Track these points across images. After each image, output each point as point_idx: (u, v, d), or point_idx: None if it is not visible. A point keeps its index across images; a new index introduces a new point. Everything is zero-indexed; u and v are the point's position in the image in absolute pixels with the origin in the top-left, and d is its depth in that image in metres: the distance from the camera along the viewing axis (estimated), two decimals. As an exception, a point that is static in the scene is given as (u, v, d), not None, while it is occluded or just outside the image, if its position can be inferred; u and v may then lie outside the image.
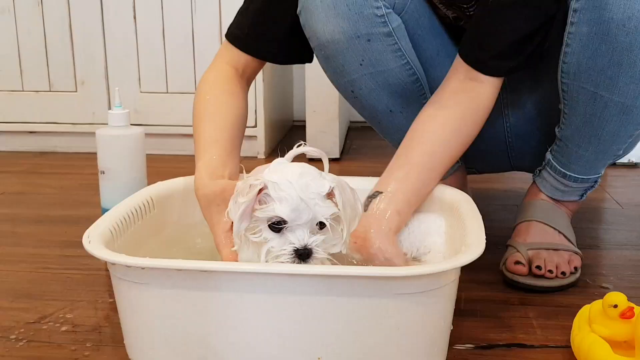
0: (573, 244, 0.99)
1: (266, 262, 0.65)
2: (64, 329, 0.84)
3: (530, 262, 0.94)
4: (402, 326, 0.64)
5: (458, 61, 0.91)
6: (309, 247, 0.64)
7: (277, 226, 0.65)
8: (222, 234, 0.73)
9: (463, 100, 0.89)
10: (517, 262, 0.94)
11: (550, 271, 0.93)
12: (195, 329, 0.66)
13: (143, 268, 0.64)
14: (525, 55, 0.89)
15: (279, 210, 0.63)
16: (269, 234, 0.65)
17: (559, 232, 0.98)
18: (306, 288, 0.63)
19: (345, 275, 0.62)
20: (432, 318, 0.66)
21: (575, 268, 0.95)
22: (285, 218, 0.64)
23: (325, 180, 0.65)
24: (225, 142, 0.84)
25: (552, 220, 0.99)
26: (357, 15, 0.89)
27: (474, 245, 0.66)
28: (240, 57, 0.95)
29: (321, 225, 0.65)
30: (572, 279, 0.94)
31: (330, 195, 0.65)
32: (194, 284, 0.64)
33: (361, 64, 0.92)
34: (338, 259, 0.69)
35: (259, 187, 0.65)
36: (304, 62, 1.01)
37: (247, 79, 0.97)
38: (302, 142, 0.70)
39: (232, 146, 0.85)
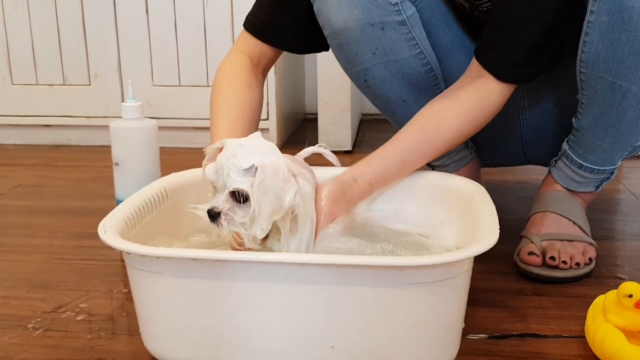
0: (588, 235, 0.98)
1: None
2: (79, 318, 0.85)
3: (544, 253, 0.94)
4: (414, 316, 0.64)
5: (475, 65, 0.89)
6: (217, 209, 0.67)
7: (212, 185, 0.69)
8: None
9: (471, 97, 0.89)
10: (531, 253, 0.94)
11: (565, 262, 0.92)
12: (209, 318, 0.66)
13: (158, 257, 0.65)
14: (551, 55, 0.88)
15: (208, 168, 0.68)
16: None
17: (574, 223, 0.98)
18: (319, 277, 0.63)
19: (357, 264, 0.62)
20: (445, 308, 0.66)
21: (590, 259, 0.95)
22: (209, 177, 0.68)
23: (255, 158, 0.67)
24: (242, 133, 0.84)
25: (567, 211, 0.98)
26: (371, 3, 0.88)
27: (488, 235, 0.66)
28: (256, 46, 0.96)
29: (245, 198, 0.67)
30: (587, 269, 0.94)
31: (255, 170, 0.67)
32: (208, 273, 0.65)
33: (374, 53, 0.92)
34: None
35: (218, 146, 0.69)
36: (320, 51, 1.01)
37: (262, 70, 0.98)
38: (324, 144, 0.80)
39: (247, 134, 0.85)
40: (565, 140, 0.99)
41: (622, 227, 1.17)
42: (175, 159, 1.54)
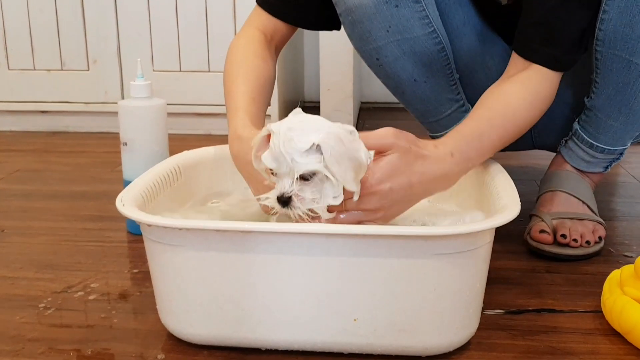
0: (596, 214, 0.99)
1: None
2: (91, 297, 0.84)
3: (554, 231, 0.94)
4: (438, 287, 0.64)
5: (518, 59, 0.88)
6: (287, 194, 0.65)
7: (272, 173, 0.66)
8: (258, 186, 0.73)
9: (526, 84, 0.86)
10: (542, 231, 0.94)
11: (575, 240, 0.93)
12: (230, 292, 0.66)
13: (180, 229, 0.64)
14: (587, 41, 0.88)
15: (265, 158, 0.65)
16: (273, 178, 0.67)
17: (583, 202, 0.98)
18: (343, 248, 0.63)
19: (382, 234, 0.62)
20: (468, 280, 0.66)
21: (600, 237, 0.95)
22: (269, 166, 0.65)
23: (311, 136, 0.65)
24: (260, 103, 0.84)
25: (576, 190, 0.99)
26: None
27: (510, 206, 0.66)
28: (269, 22, 0.95)
29: (310, 176, 0.65)
30: (597, 248, 0.94)
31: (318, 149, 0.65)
32: (230, 246, 0.64)
33: (388, 31, 0.92)
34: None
35: (265, 134, 0.66)
36: (332, 29, 1.00)
37: (275, 46, 0.97)
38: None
39: (265, 106, 0.85)
40: (577, 120, 0.99)
41: (628, 208, 1.18)
42: (176, 144, 1.51)
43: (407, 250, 0.62)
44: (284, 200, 0.65)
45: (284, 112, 1.84)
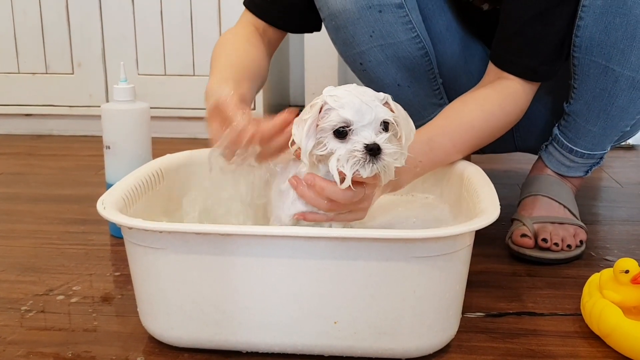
0: (577, 218, 1.00)
1: (339, 170, 0.65)
2: (73, 300, 0.83)
3: (536, 235, 0.95)
4: (418, 290, 0.64)
5: (493, 69, 0.89)
6: (376, 143, 0.64)
7: (342, 131, 0.65)
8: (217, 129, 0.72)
9: (492, 94, 0.88)
10: (524, 235, 0.95)
11: (556, 244, 0.93)
12: (210, 294, 0.66)
13: (161, 232, 0.64)
14: (567, 50, 0.89)
15: (343, 112, 0.64)
16: (335, 143, 0.65)
17: (564, 206, 0.99)
18: (323, 251, 0.63)
19: (362, 237, 0.62)
20: (448, 282, 0.66)
21: (581, 241, 0.96)
22: (351, 118, 0.64)
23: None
24: (243, 70, 0.82)
25: (557, 194, 1.00)
26: None
27: (489, 210, 0.67)
28: (258, 23, 0.96)
29: (384, 127, 0.65)
30: (578, 251, 0.95)
31: (385, 105, 0.67)
32: (211, 249, 0.64)
33: (371, 36, 0.92)
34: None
35: (320, 104, 0.66)
36: (313, 32, 1.01)
37: (268, 42, 0.98)
38: None
39: (250, 76, 0.83)
40: (556, 125, 1.00)
41: (609, 212, 1.19)
42: (160, 148, 1.51)
43: (386, 253, 0.62)
44: (373, 149, 0.63)
45: (270, 115, 1.84)
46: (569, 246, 0.94)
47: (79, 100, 1.80)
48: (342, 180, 0.64)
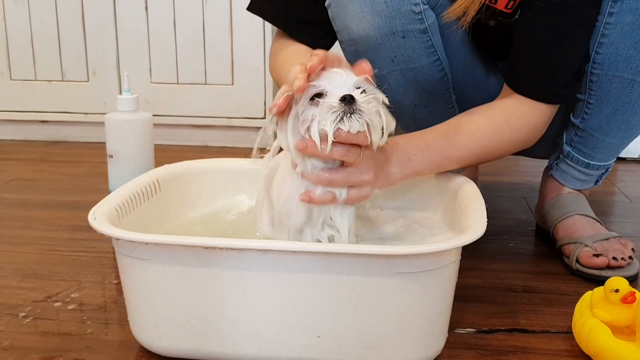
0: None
1: (320, 130, 0.66)
2: (70, 307, 0.85)
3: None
4: (402, 306, 0.64)
5: (507, 90, 0.88)
6: (350, 94, 0.65)
7: (317, 96, 0.67)
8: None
9: (499, 110, 0.88)
10: (595, 255, 0.92)
11: (623, 259, 0.92)
12: (197, 306, 0.67)
13: (146, 243, 0.65)
14: (584, 71, 0.89)
15: (316, 82, 0.67)
16: (313, 110, 0.67)
17: (597, 220, 0.98)
18: (307, 265, 0.63)
19: (344, 252, 0.62)
20: (433, 298, 0.66)
21: (632, 249, 0.95)
22: (321, 84, 0.67)
23: None
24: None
25: (588, 210, 1.00)
26: (395, 12, 0.86)
27: (475, 227, 0.66)
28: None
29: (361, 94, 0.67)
30: (637, 261, 0.94)
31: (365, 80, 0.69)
32: (197, 261, 0.65)
33: (392, 60, 0.91)
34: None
35: (290, 94, 0.69)
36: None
37: None
38: None
39: None
40: (565, 142, 0.99)
41: (616, 227, 1.17)
42: (170, 156, 1.54)
43: (369, 269, 0.62)
44: (346, 98, 0.65)
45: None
46: (630, 258, 0.92)
47: (94, 108, 1.83)
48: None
